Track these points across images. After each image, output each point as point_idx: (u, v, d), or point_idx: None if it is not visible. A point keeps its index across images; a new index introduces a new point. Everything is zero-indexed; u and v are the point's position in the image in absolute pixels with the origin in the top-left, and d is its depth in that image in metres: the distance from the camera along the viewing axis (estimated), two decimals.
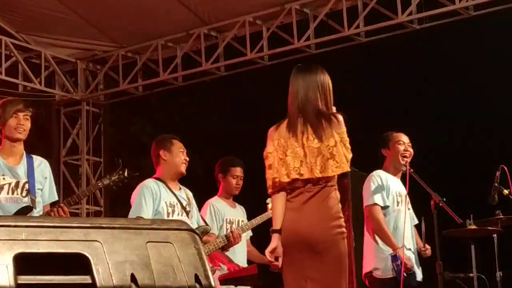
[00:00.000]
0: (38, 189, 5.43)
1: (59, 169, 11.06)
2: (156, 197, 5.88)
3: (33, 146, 5.81)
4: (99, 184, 5.89)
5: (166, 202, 5.93)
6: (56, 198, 5.63)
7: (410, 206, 6.32)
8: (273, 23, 9.70)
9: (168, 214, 5.89)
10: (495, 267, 5.98)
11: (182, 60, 10.39)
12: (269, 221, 6.52)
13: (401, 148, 6.30)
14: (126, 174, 5.78)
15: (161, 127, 11.85)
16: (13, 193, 5.34)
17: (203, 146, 11.10)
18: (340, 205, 4.59)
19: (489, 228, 5.98)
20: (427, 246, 6.09)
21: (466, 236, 5.94)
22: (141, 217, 5.69)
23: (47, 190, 5.53)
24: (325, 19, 9.40)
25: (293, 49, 9.65)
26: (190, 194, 6.22)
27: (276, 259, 4.56)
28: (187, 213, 6.02)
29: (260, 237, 6.90)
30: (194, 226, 5.95)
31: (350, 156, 4.53)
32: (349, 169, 4.57)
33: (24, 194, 5.36)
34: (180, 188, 6.15)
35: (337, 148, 4.48)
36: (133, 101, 11.32)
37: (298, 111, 4.63)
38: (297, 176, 4.53)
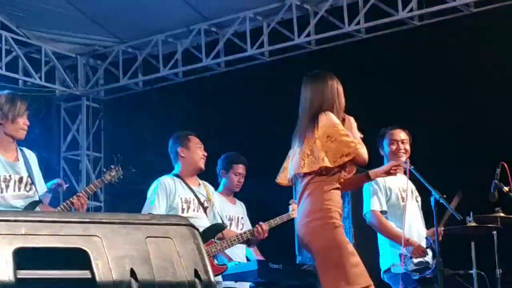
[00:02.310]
0: (37, 181, 5.39)
1: (59, 165, 11.07)
2: (170, 194, 5.92)
3: (33, 141, 5.78)
4: (104, 180, 5.83)
5: (181, 198, 5.94)
6: (46, 189, 5.57)
7: (419, 199, 6.30)
8: (274, 19, 9.70)
9: (182, 210, 5.92)
10: (495, 264, 5.98)
11: (183, 56, 10.39)
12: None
13: (393, 147, 6.28)
14: (121, 170, 5.79)
15: (162, 123, 11.81)
16: (19, 190, 5.27)
17: (203, 142, 11.07)
18: (326, 198, 4.66)
19: (489, 225, 5.98)
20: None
21: (466, 233, 5.93)
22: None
23: (38, 182, 5.45)
24: (325, 15, 9.40)
25: (294, 45, 9.65)
26: (211, 190, 6.24)
27: None
28: (205, 208, 6.02)
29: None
30: (210, 222, 5.97)
31: (346, 149, 4.66)
32: (329, 164, 4.64)
33: (28, 188, 5.30)
34: (199, 184, 6.15)
35: (316, 145, 4.65)
36: (134, 96, 11.31)
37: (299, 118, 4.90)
38: (289, 177, 4.87)
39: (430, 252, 6.08)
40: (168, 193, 5.91)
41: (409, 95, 8.76)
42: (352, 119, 4.91)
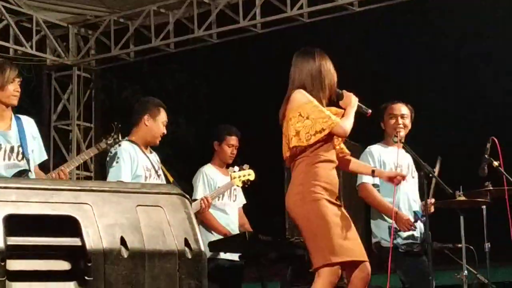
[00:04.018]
0: (32, 150, 5.37)
1: (50, 134, 11.03)
2: (134, 160, 5.74)
3: (24, 110, 5.76)
4: (98, 148, 5.79)
5: (143, 166, 5.80)
6: (46, 157, 5.53)
7: (415, 174, 6.27)
8: None
9: (145, 178, 5.77)
10: (484, 238, 6.00)
11: (175, 27, 10.34)
12: (258, 193, 6.53)
13: (392, 122, 6.23)
14: (120, 138, 5.74)
15: (153, 94, 11.79)
16: (9, 159, 5.25)
17: (195, 113, 11.07)
18: (308, 172, 4.68)
19: (478, 199, 5.99)
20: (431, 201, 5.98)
21: (456, 207, 5.94)
22: (122, 182, 5.53)
23: (37, 150, 5.42)
24: None
25: (286, 17, 9.61)
26: (158, 158, 6.11)
27: None
28: (158, 176, 5.94)
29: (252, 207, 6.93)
30: None
31: (319, 126, 4.64)
32: (299, 144, 4.67)
33: (19, 158, 5.29)
34: (151, 152, 6.04)
35: (289, 125, 4.70)
36: (125, 67, 11.26)
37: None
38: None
39: (418, 226, 6.09)
40: (132, 160, 5.76)
41: (399, 69, 8.76)
42: (351, 95, 4.91)
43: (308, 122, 4.65)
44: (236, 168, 6.52)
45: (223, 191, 6.57)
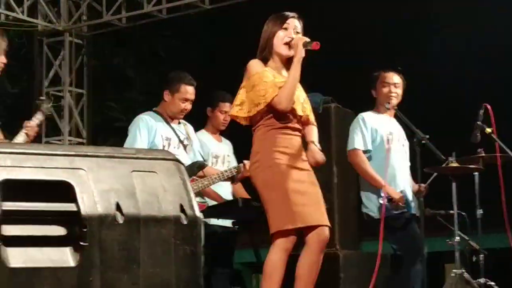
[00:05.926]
0: None
1: None
2: (151, 130, 5.92)
3: (15, 77, 5.71)
4: (44, 112, 5.73)
5: (162, 135, 5.96)
6: None
7: (405, 143, 6.27)
8: None
9: (163, 147, 5.93)
10: (476, 204, 6.02)
11: None
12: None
13: (385, 90, 6.22)
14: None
15: (145, 60, 11.77)
16: None
17: None
18: (264, 139, 4.65)
19: (471, 166, 6.00)
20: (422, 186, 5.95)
21: (448, 173, 5.95)
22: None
23: None
24: None
25: None
26: (191, 129, 6.24)
27: None
28: (185, 146, 6.05)
29: None
30: (191, 160, 6.00)
31: (257, 100, 4.60)
32: (239, 114, 4.70)
33: None
34: (179, 122, 6.16)
35: (239, 94, 4.69)
36: (117, 33, 11.18)
37: None
38: None
39: (409, 194, 6.11)
40: (149, 129, 5.92)
41: (397, 33, 8.73)
42: (296, 40, 4.67)
43: (252, 94, 4.63)
44: None
45: None
